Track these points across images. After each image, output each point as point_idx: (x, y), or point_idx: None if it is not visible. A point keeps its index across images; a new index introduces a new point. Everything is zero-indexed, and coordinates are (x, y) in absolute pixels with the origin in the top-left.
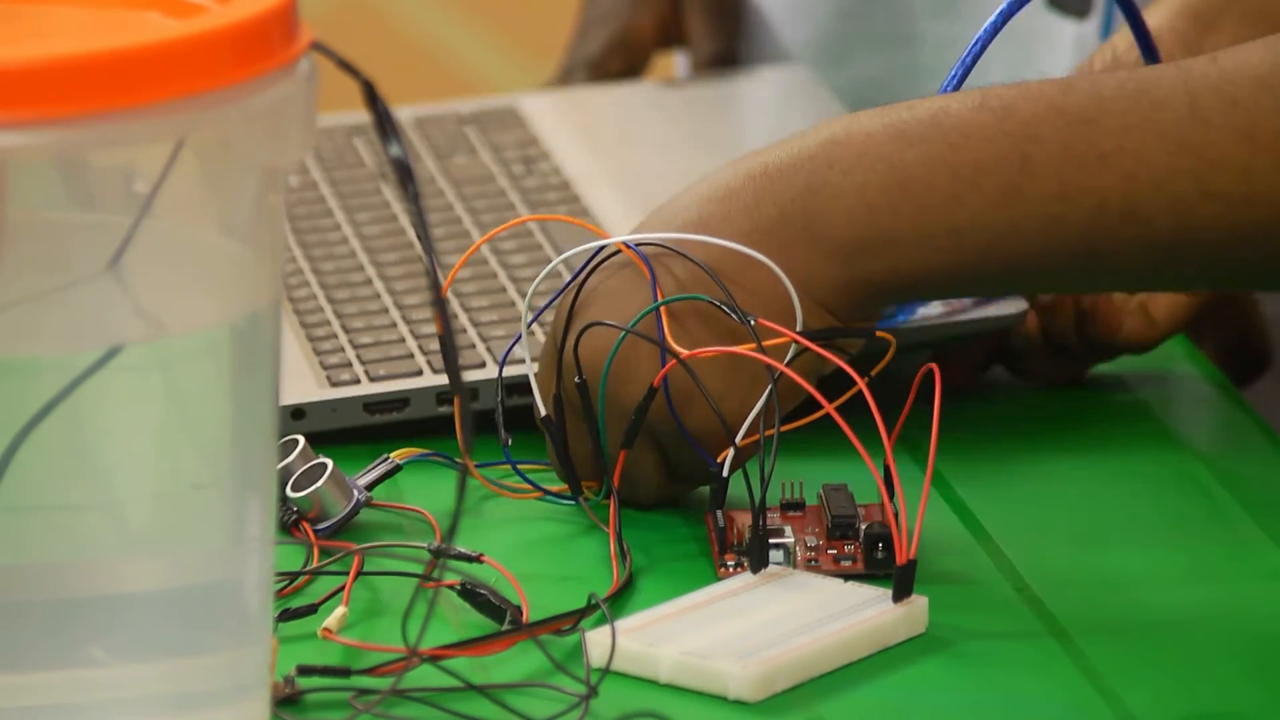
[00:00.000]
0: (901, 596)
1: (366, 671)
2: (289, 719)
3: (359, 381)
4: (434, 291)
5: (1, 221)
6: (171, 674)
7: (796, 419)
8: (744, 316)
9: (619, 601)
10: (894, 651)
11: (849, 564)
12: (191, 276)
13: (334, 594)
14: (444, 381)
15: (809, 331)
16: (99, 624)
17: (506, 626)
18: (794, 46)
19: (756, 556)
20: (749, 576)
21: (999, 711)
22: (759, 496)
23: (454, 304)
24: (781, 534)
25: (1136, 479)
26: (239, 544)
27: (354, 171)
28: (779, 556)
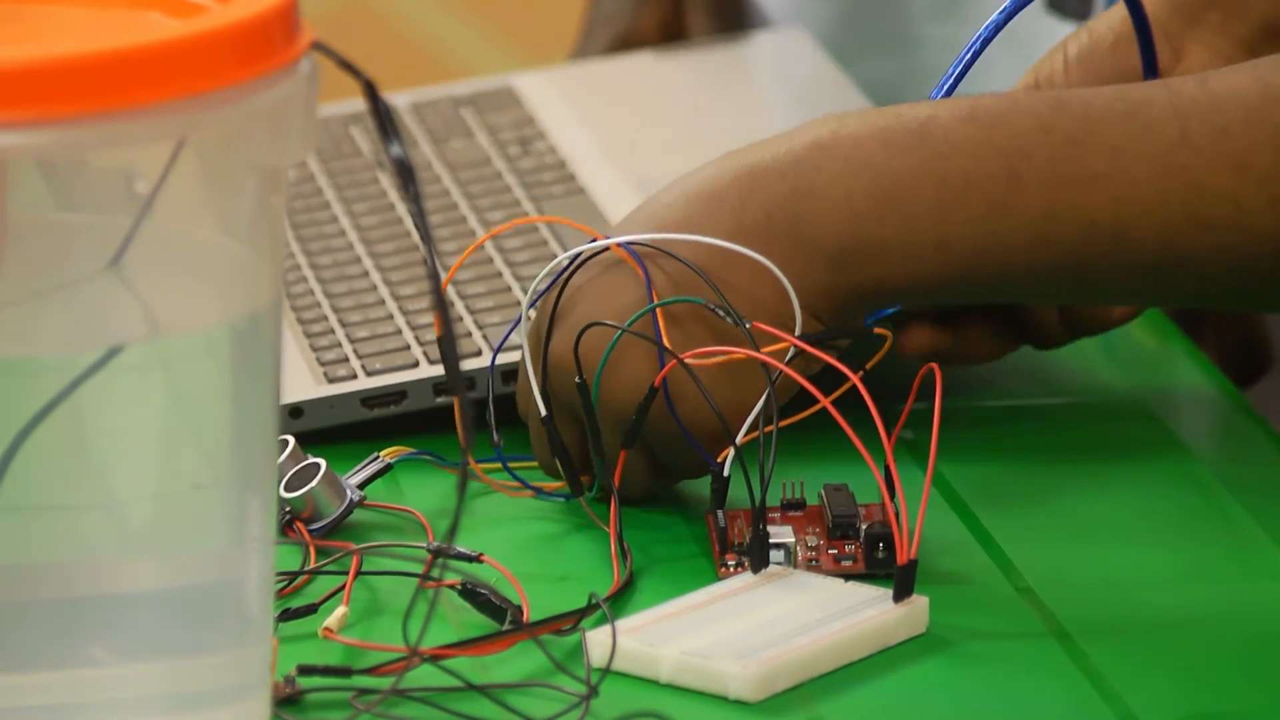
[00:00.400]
0: (902, 596)
1: (367, 671)
2: (290, 719)
3: (356, 377)
4: (435, 295)
5: (2, 221)
6: (172, 674)
7: (791, 415)
8: (739, 318)
9: (619, 601)
10: (894, 651)
11: (849, 564)
12: (192, 276)
13: (333, 594)
14: (441, 372)
15: (806, 335)
16: (100, 624)
17: (507, 626)
18: None
19: (757, 556)
20: (749, 576)
21: (999, 712)
22: (759, 497)
23: (451, 293)
24: (782, 534)
25: (1137, 479)
26: (239, 544)
27: (351, 162)
28: (780, 556)
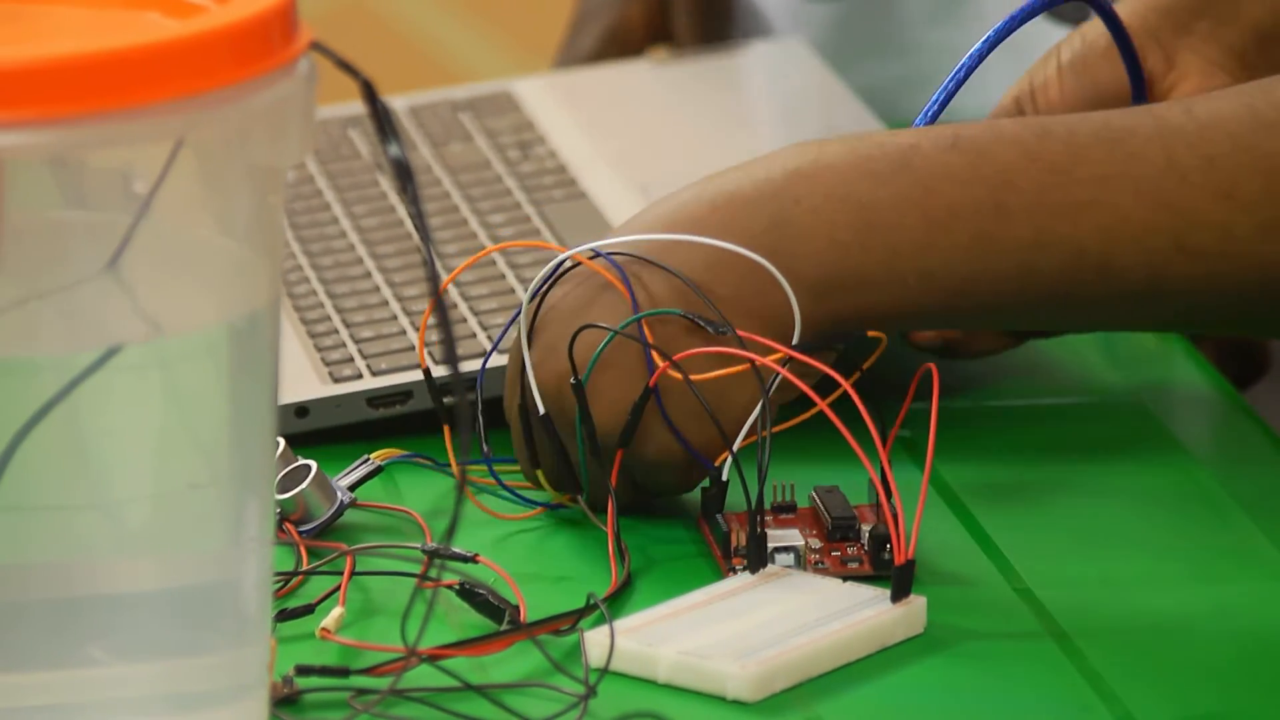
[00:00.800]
0: (900, 596)
1: (365, 671)
2: (288, 719)
3: (361, 376)
4: (434, 296)
5: (0, 221)
6: (170, 674)
7: (785, 420)
8: (725, 326)
9: (617, 602)
10: (893, 652)
11: (856, 565)
12: (190, 276)
13: (329, 594)
14: (446, 372)
15: (800, 344)
16: (97, 624)
17: (505, 626)
18: None
19: (755, 557)
20: (747, 577)
21: (997, 712)
22: (754, 498)
23: (453, 293)
24: (790, 537)
25: (1136, 480)
26: (237, 544)
27: (350, 164)
28: (789, 559)
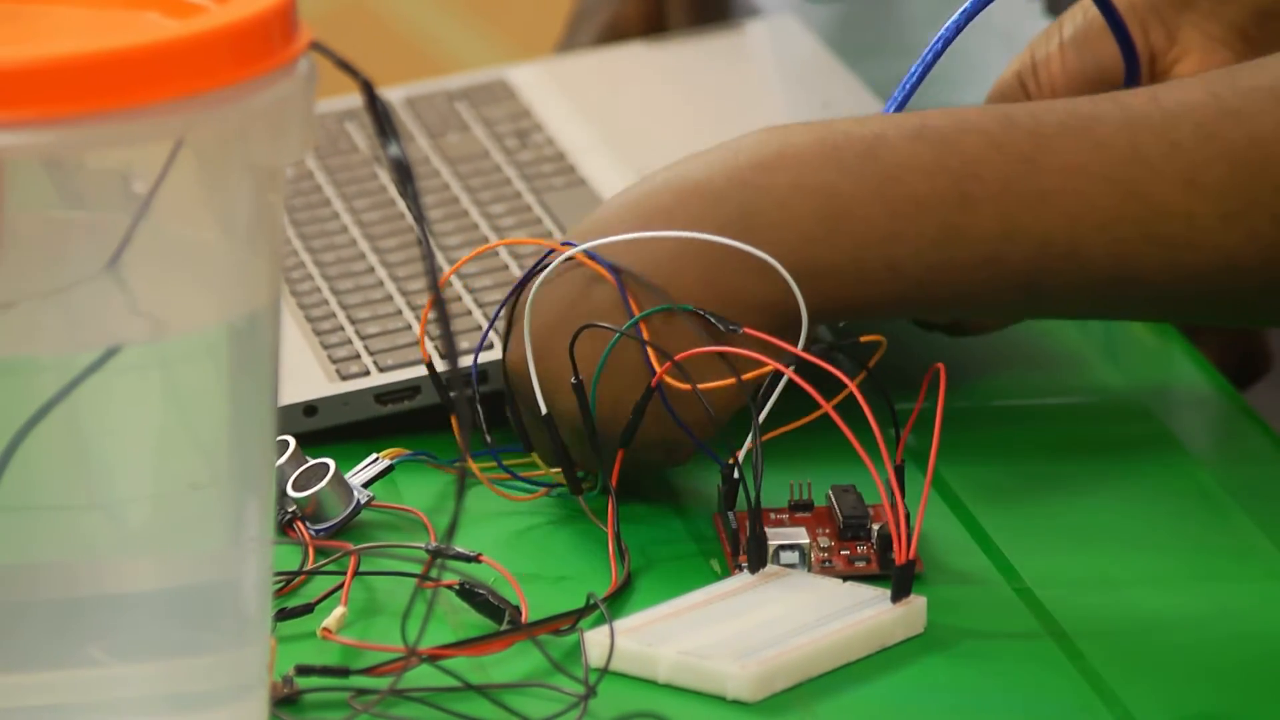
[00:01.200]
0: (900, 596)
1: (365, 671)
2: (288, 719)
3: (368, 373)
4: (435, 303)
5: (0, 221)
6: (170, 674)
7: (792, 421)
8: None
9: (617, 601)
10: (893, 652)
11: (863, 565)
12: (190, 276)
13: (331, 593)
14: (448, 367)
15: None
16: (98, 624)
17: (505, 626)
18: None
19: (754, 557)
20: (747, 576)
21: (997, 712)
22: (753, 497)
23: (456, 285)
24: (796, 535)
25: (1136, 480)
26: (237, 544)
27: (348, 158)
28: (794, 558)
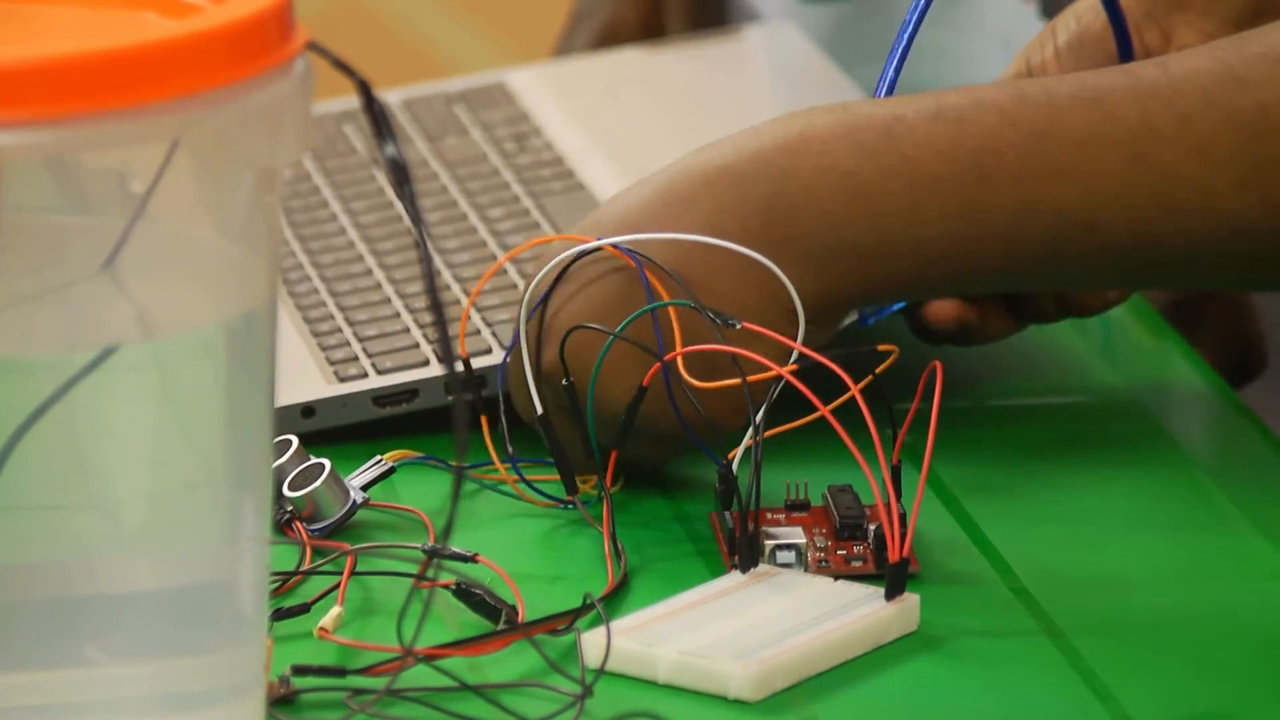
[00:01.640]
0: (894, 594)
1: (362, 671)
2: (284, 718)
3: (367, 375)
4: (433, 303)
5: None
6: (167, 674)
7: (788, 422)
8: (736, 323)
9: (614, 601)
10: (890, 651)
11: (859, 564)
12: (186, 276)
13: (327, 593)
14: (457, 371)
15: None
16: (94, 624)
17: (502, 626)
18: None
19: (745, 556)
20: (740, 575)
21: (994, 710)
22: (746, 496)
23: (455, 290)
24: (792, 535)
25: (1132, 478)
26: (234, 544)
27: (346, 160)
28: (790, 557)
